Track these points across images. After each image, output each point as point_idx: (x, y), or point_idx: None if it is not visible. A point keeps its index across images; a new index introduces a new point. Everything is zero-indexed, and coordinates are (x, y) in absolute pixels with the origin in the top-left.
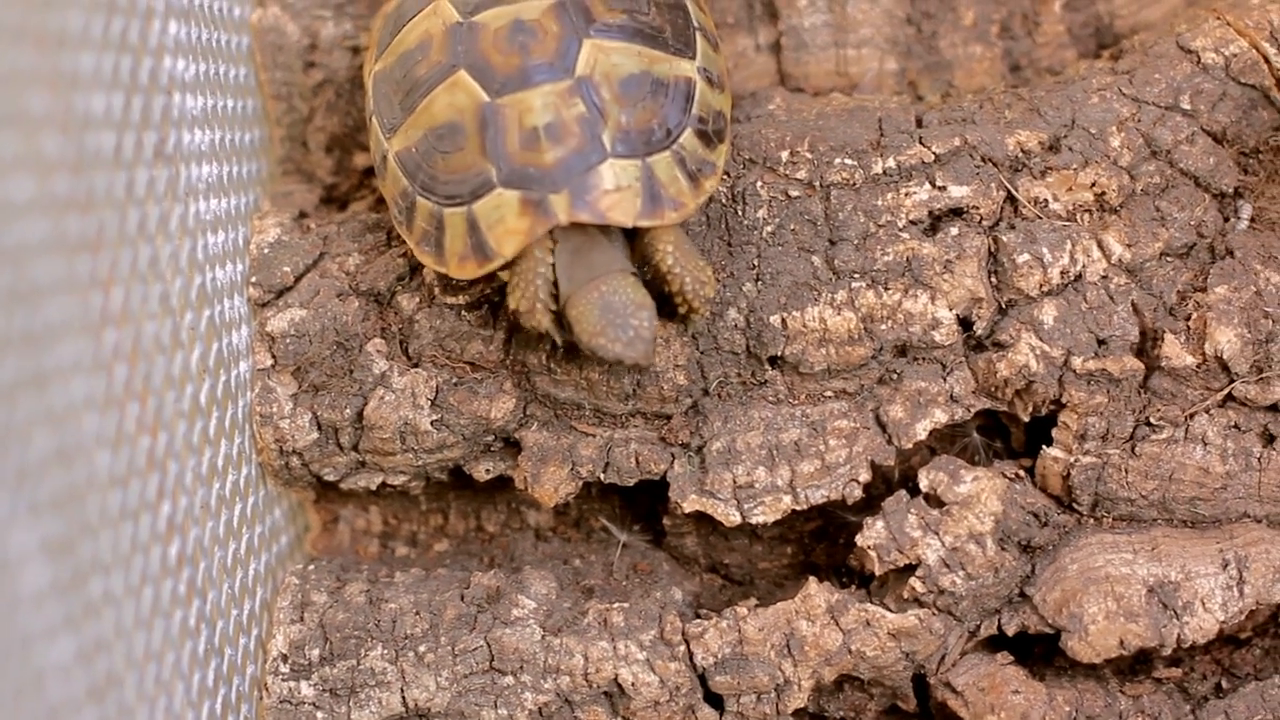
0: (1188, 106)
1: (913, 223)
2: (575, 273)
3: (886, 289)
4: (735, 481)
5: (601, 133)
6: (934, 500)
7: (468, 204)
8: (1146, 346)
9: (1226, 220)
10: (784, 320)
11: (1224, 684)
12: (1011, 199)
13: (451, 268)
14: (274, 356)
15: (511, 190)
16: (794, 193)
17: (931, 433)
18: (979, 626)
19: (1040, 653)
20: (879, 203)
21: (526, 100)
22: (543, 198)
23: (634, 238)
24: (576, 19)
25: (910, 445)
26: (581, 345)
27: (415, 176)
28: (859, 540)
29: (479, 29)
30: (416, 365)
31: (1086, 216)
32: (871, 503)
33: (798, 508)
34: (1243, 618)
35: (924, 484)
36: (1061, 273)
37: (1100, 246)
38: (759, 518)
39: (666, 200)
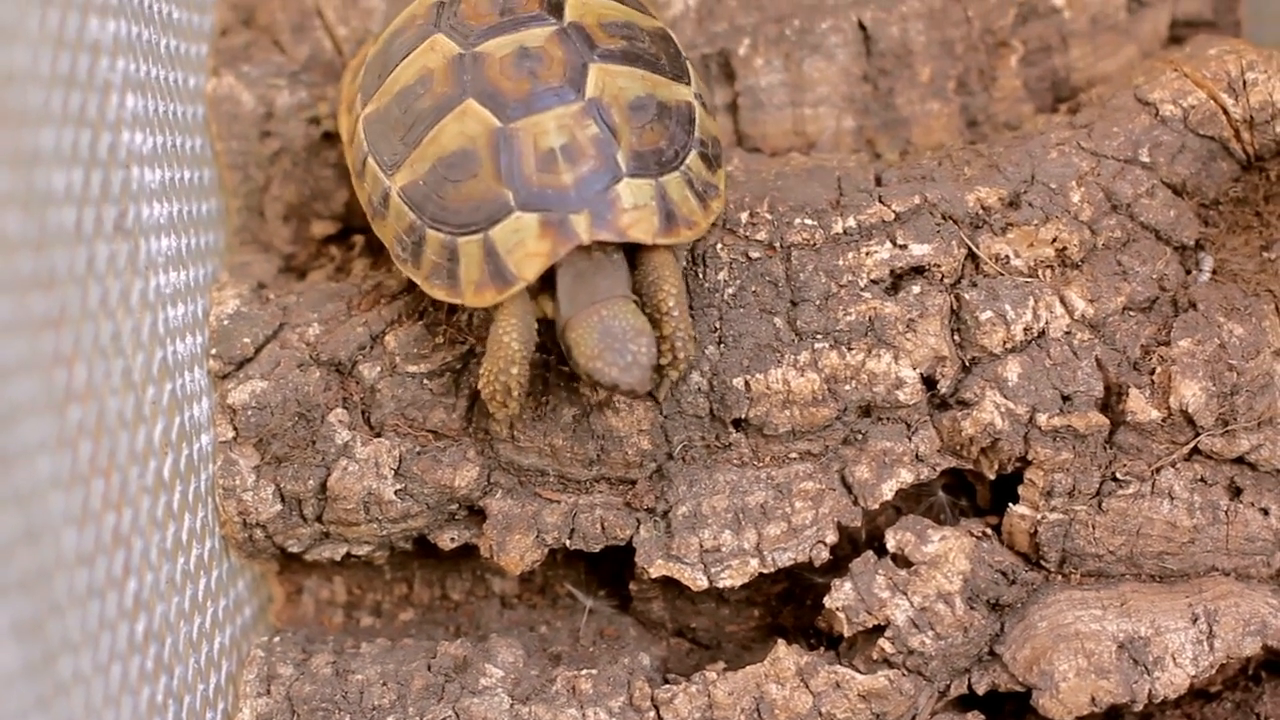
0: (1147, 159)
1: (874, 282)
2: (578, 296)
3: (849, 349)
4: (702, 545)
5: (616, 153)
6: (902, 560)
7: (484, 230)
8: (1111, 402)
9: (1188, 273)
10: (747, 383)
11: None
12: (973, 256)
13: (468, 297)
14: (235, 429)
15: (530, 213)
16: (754, 254)
17: (897, 493)
18: (949, 686)
19: (1011, 711)
20: (840, 262)
21: (541, 123)
22: (563, 218)
23: (634, 271)
24: (580, 45)
25: (876, 506)
26: (579, 369)
27: (424, 209)
28: (827, 602)
29: (484, 58)
30: (379, 435)
31: (1048, 272)
32: (838, 564)
33: (765, 570)
34: (1213, 671)
35: (891, 544)
36: (1025, 329)
37: (1063, 302)
38: (726, 581)
39: (681, 219)
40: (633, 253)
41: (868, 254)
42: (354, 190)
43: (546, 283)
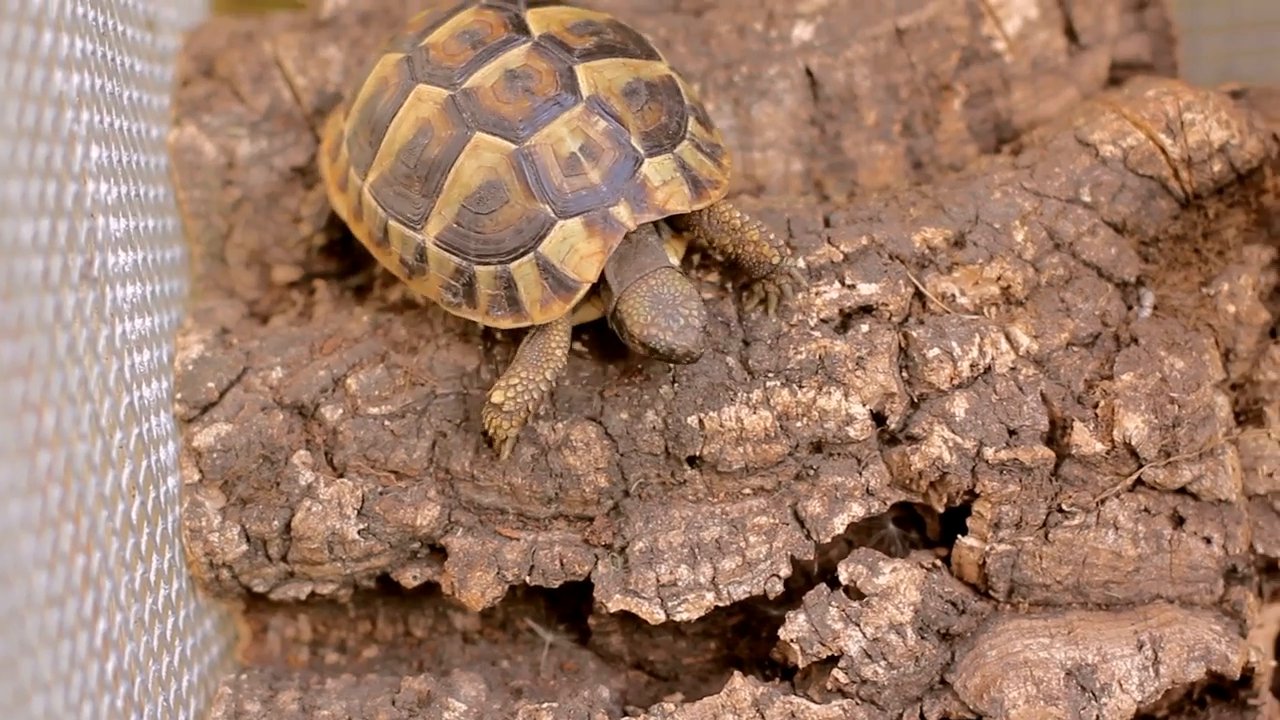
0: (1088, 199)
1: (824, 321)
2: (625, 276)
3: (801, 387)
4: (658, 580)
5: (629, 139)
6: (854, 592)
7: (533, 249)
8: (1056, 435)
9: (1130, 309)
10: (701, 421)
11: None
12: (920, 295)
13: (536, 316)
14: (201, 471)
15: (571, 218)
16: (707, 295)
17: (849, 526)
18: (902, 715)
19: None
20: (790, 303)
21: (553, 133)
22: (605, 213)
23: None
24: (558, 52)
25: (828, 540)
26: (634, 340)
27: (466, 249)
28: (782, 634)
29: (475, 92)
30: (342, 475)
31: (994, 310)
32: (792, 596)
33: (720, 604)
34: (1159, 697)
35: (844, 577)
36: (971, 366)
37: (1008, 339)
38: (683, 615)
39: (705, 181)
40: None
41: (817, 294)
42: (376, 259)
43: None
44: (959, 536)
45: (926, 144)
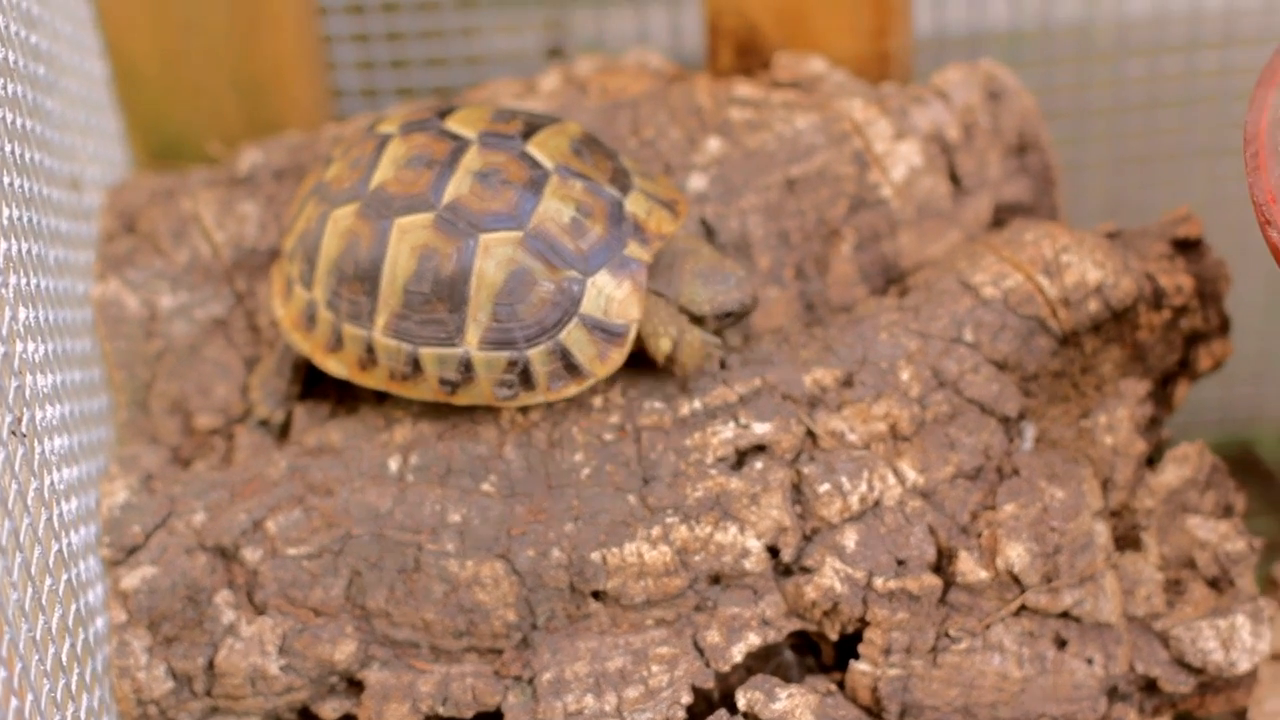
0: (970, 338)
1: (720, 460)
2: (659, 274)
3: (698, 523)
4: (566, 709)
5: (604, 189)
6: (752, 718)
7: (574, 314)
8: (943, 564)
9: (1012, 442)
10: (604, 557)
11: None
12: (811, 433)
13: (600, 372)
14: (129, 612)
15: (598, 273)
16: (608, 436)
17: (747, 654)
18: None
19: None
20: (688, 442)
21: (547, 208)
22: (622, 258)
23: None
24: (504, 142)
25: (728, 668)
26: (706, 314)
27: (514, 342)
28: None
29: (458, 203)
30: (263, 614)
31: (881, 445)
32: None
33: None
34: None
35: (742, 703)
36: (860, 499)
37: (895, 473)
38: None
39: (670, 203)
40: None
41: (713, 434)
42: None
43: None
44: (852, 661)
45: (818, 287)
